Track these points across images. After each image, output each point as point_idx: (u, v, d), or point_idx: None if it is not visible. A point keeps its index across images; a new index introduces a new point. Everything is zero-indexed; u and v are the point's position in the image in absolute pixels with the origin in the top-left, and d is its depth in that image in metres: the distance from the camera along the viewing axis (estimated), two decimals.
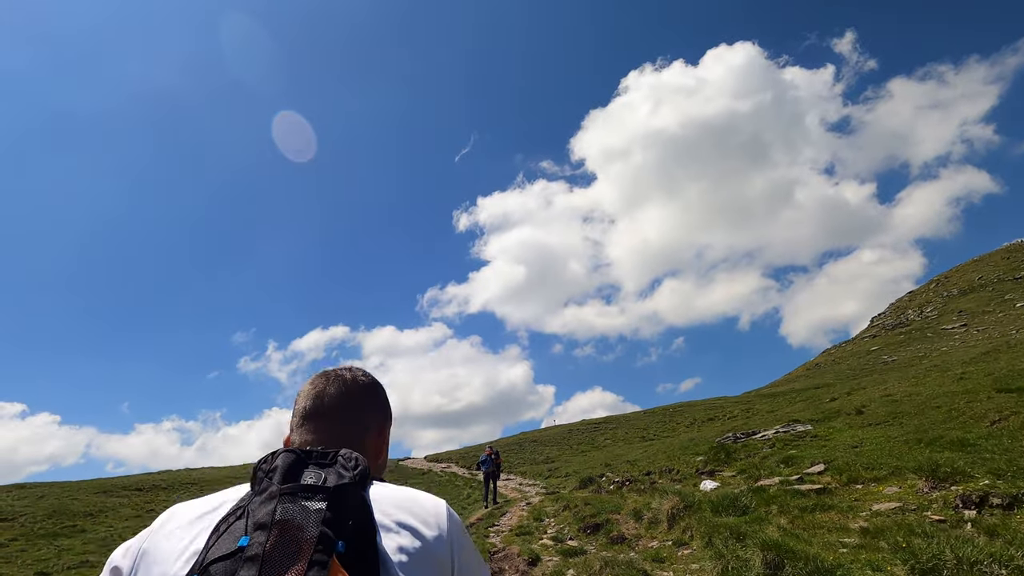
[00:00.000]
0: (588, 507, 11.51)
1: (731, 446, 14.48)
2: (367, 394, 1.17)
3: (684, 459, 16.62)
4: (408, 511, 0.95)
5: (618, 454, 28.49)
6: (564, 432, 45.86)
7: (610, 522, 10.10)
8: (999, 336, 45.52)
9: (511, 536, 10.65)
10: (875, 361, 53.33)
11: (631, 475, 16.97)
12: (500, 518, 13.42)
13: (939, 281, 73.15)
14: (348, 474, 0.91)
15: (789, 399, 38.87)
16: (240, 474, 39.72)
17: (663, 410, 49.33)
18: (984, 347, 37.22)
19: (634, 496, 13.46)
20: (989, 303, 59.56)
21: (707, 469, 13.93)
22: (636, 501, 11.19)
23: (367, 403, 1.17)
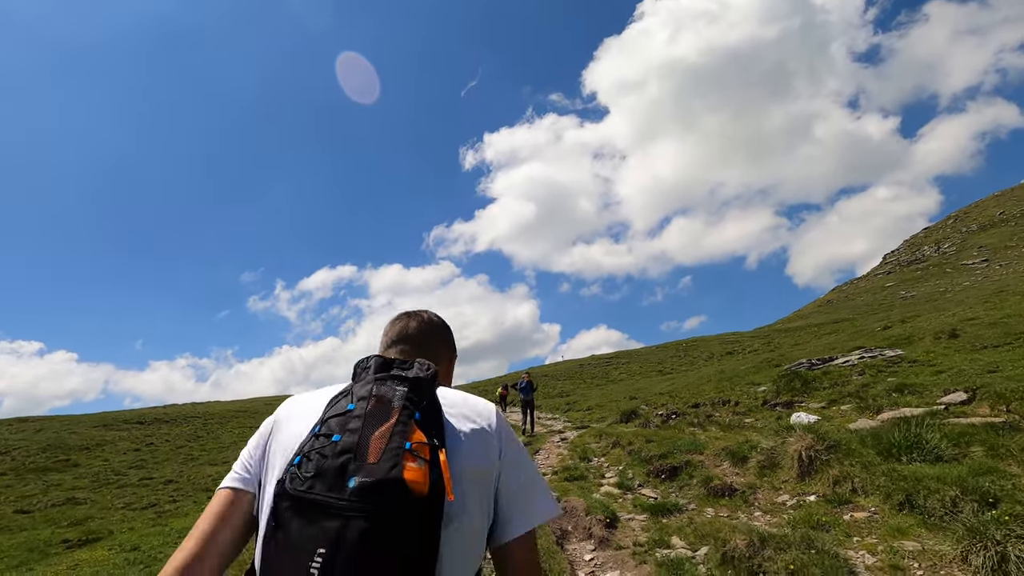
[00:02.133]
0: (651, 445, 8.94)
1: (807, 374, 11.85)
2: (441, 330, 1.49)
3: (740, 389, 14.10)
4: (466, 404, 1.25)
5: (640, 387, 26.23)
6: (575, 367, 43.83)
7: (692, 465, 7.52)
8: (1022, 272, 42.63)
9: (561, 481, 8.12)
10: (892, 297, 50.66)
11: (675, 408, 14.48)
12: (534, 456, 10.96)
13: (957, 217, 69.55)
14: (423, 372, 1.17)
15: (812, 333, 36.38)
16: (248, 407, 37.88)
17: (675, 345, 47.16)
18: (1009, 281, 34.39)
19: (692, 429, 10.93)
20: (1011, 238, 56.26)
21: (781, 400, 11.34)
22: (719, 437, 8.60)
23: (441, 337, 1.48)
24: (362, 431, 1.04)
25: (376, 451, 1.01)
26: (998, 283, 36.55)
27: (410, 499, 0.98)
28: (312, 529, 0.97)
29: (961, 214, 70.62)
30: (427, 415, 1.10)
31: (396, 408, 1.08)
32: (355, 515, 0.96)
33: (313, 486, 1.00)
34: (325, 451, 1.03)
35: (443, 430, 1.12)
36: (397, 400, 1.09)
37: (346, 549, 0.94)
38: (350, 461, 1.01)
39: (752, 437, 7.53)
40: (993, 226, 61.78)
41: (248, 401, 41.06)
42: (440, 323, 1.49)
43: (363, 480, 0.98)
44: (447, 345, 1.47)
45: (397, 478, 0.98)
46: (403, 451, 1.01)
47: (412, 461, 1.01)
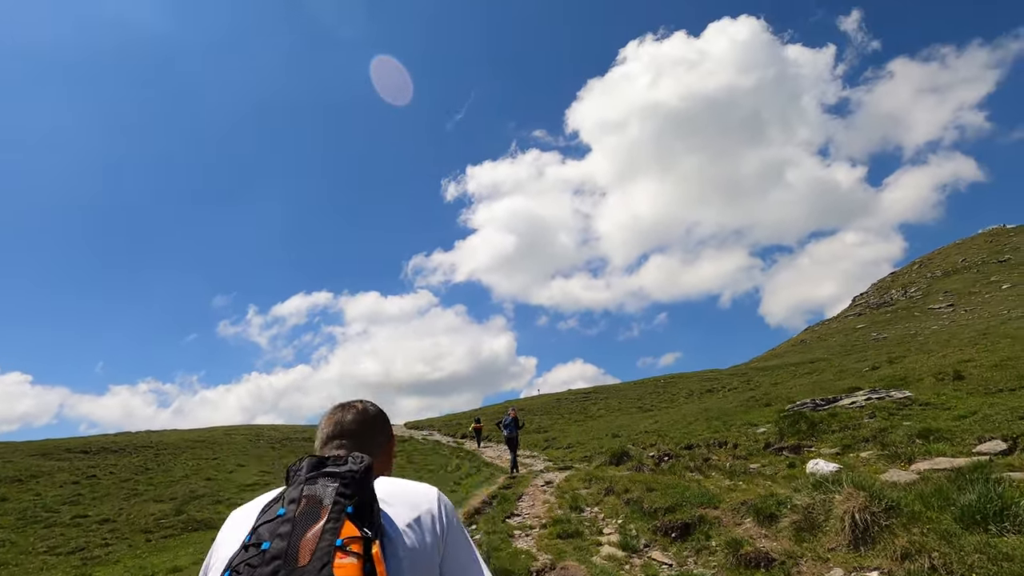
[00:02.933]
0: (652, 494, 7.76)
1: (813, 415, 10.87)
2: (377, 418, 1.44)
3: (736, 430, 13.04)
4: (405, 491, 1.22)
5: (622, 424, 25.01)
6: (552, 401, 42.41)
7: (706, 522, 6.36)
8: (989, 316, 43.24)
9: (553, 539, 6.85)
10: (864, 338, 50.87)
11: (667, 449, 13.33)
12: (516, 502, 9.65)
13: (922, 263, 71.15)
14: (356, 466, 1.12)
15: (790, 372, 35.86)
16: (206, 437, 35.36)
17: (653, 381, 46.19)
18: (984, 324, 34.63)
19: (692, 475, 9.79)
20: (975, 284, 57.48)
21: (786, 443, 10.30)
22: (732, 488, 7.48)
23: (378, 426, 1.43)
24: (291, 535, 1.00)
25: (307, 553, 0.96)
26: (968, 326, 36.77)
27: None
28: None
29: (925, 260, 72.32)
30: (360, 508, 1.06)
31: (327, 506, 1.04)
32: None
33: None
34: (253, 561, 0.98)
35: (378, 521, 1.09)
36: (328, 498, 1.05)
37: None
38: (280, 568, 0.95)
39: (777, 491, 6.42)
40: (956, 272, 63.22)
41: (207, 430, 38.48)
42: (376, 412, 1.46)
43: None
44: (384, 433, 1.45)
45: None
46: (334, 549, 0.97)
47: (344, 557, 0.96)
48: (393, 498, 1.17)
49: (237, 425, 42.51)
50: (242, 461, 28.05)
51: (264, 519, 1.05)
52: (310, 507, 1.03)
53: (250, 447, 32.07)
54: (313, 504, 1.04)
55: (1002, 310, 44.51)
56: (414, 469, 24.57)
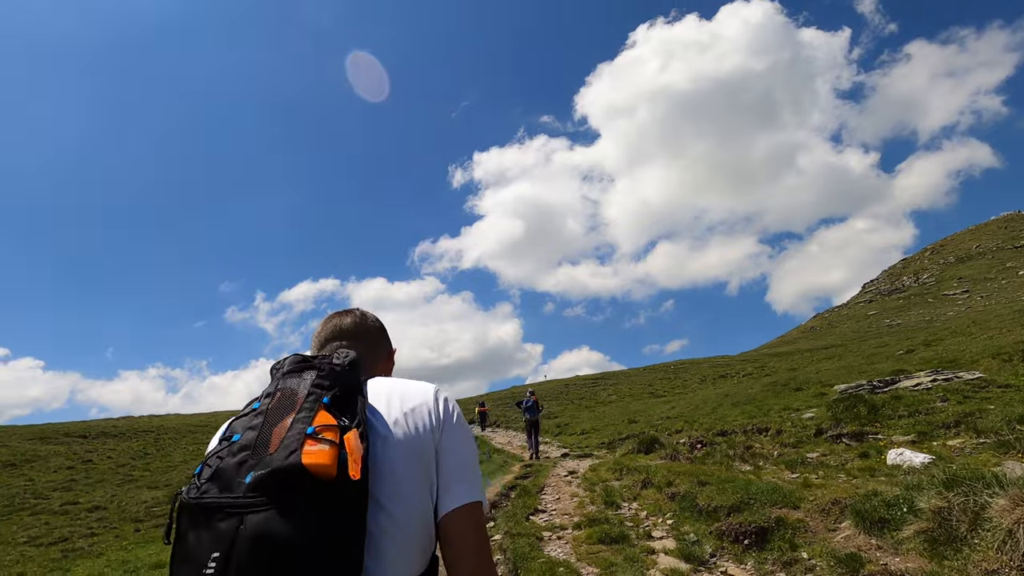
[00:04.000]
0: (706, 490, 6.40)
1: (871, 398, 9.48)
2: (377, 325, 1.33)
3: (777, 415, 11.67)
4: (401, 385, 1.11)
5: (637, 410, 23.69)
6: (560, 387, 41.16)
7: (787, 526, 5.01)
8: (1007, 301, 41.59)
9: (591, 543, 5.51)
10: (877, 325, 49.37)
11: (700, 436, 11.99)
12: (538, 495, 8.32)
13: (934, 249, 69.22)
14: (340, 360, 1.04)
15: (806, 358, 34.39)
16: (208, 422, 34.30)
17: (663, 367, 44.85)
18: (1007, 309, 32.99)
19: (739, 466, 8.43)
20: (990, 270, 55.73)
21: (845, 430, 8.92)
22: (810, 485, 6.10)
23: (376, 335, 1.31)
24: (263, 426, 0.93)
25: (276, 442, 0.89)
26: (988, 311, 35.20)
27: (312, 483, 0.85)
28: (206, 535, 0.84)
29: (938, 246, 70.41)
30: (338, 399, 0.97)
31: (301, 396, 0.96)
32: (251, 511, 0.83)
33: (208, 490, 0.88)
34: (223, 453, 0.92)
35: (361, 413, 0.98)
36: (303, 389, 0.98)
37: (241, 549, 0.81)
38: (248, 457, 0.89)
39: (879, 488, 5.04)
40: (971, 259, 61.38)
41: (210, 415, 37.44)
42: (375, 319, 1.35)
43: (259, 473, 0.85)
44: (384, 340, 1.33)
45: (294, 463, 0.85)
46: (303, 436, 0.88)
47: (314, 444, 0.87)
48: (386, 393, 1.09)
49: None
50: None
51: (240, 414, 1.01)
52: (284, 398, 0.97)
53: None
54: (287, 396, 0.97)
55: (1020, 296, 42.88)
56: None
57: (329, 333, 1.27)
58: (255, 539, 0.81)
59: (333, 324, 1.29)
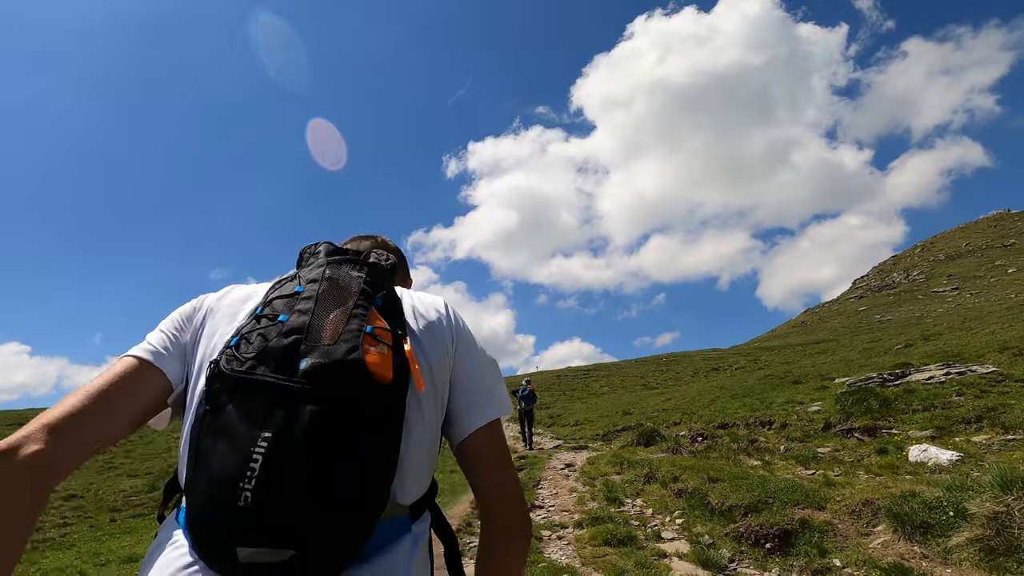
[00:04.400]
0: (719, 487, 5.91)
1: (883, 391, 9.03)
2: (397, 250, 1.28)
3: (780, 408, 11.22)
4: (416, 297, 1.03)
5: (630, 402, 23.29)
6: (552, 377, 40.75)
7: (813, 528, 4.51)
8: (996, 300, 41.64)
9: (595, 545, 4.99)
10: (867, 320, 49.38)
11: (700, 429, 11.53)
12: (535, 489, 7.81)
13: (924, 246, 69.36)
14: (384, 261, 0.97)
15: (799, 352, 34.18)
16: None
17: (655, 359, 44.56)
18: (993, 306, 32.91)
19: (747, 460, 7.96)
20: (979, 268, 55.91)
21: (856, 424, 8.47)
22: (833, 484, 5.61)
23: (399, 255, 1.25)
24: (315, 312, 0.83)
25: (332, 332, 0.81)
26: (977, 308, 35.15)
27: (373, 385, 0.78)
28: (254, 413, 0.75)
29: (928, 244, 70.63)
30: (388, 304, 0.91)
31: (354, 292, 0.88)
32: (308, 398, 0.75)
33: (256, 367, 0.78)
34: (269, 332, 0.81)
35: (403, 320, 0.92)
36: (355, 284, 0.90)
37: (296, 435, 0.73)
38: (300, 342, 0.80)
39: (920, 489, 4.54)
40: (960, 256, 61.58)
41: None
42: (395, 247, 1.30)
43: (317, 361, 0.77)
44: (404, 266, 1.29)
45: (358, 359, 0.78)
46: (363, 334, 0.81)
47: (374, 345, 0.81)
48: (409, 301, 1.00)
49: None
50: None
51: (278, 294, 0.89)
52: (335, 289, 0.88)
53: None
54: (338, 288, 0.88)
55: (1009, 294, 42.92)
56: None
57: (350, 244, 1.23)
58: (310, 430, 0.74)
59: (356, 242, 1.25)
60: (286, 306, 0.85)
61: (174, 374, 0.90)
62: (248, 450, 0.72)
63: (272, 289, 0.92)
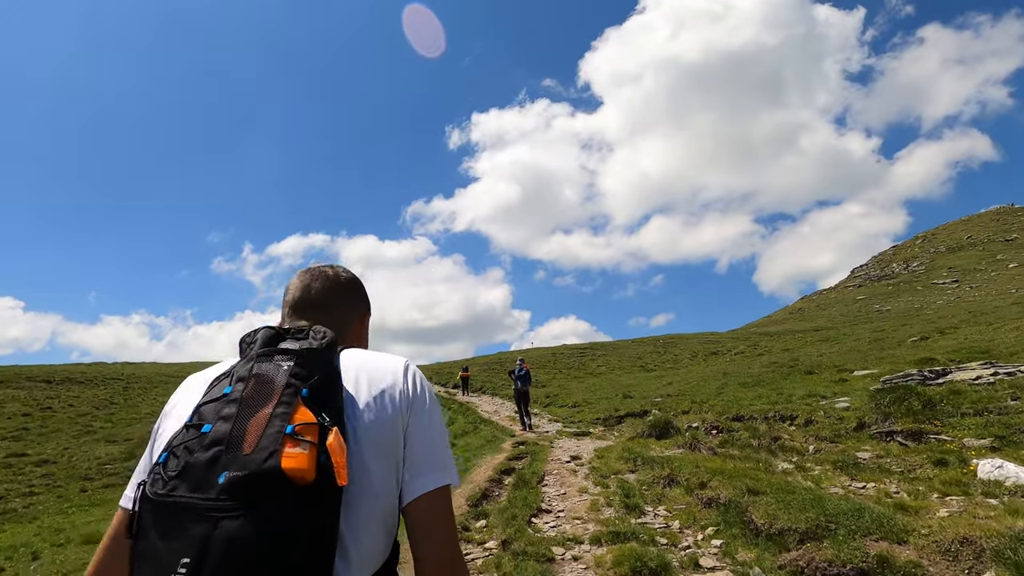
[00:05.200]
0: (762, 501, 5.00)
1: (924, 391, 8.12)
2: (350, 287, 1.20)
3: (802, 402, 10.33)
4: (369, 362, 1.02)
5: (630, 384, 22.50)
6: (548, 355, 40.01)
7: (893, 568, 3.61)
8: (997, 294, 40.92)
9: (617, 570, 4.08)
10: (866, 309, 48.65)
11: (713, 420, 10.66)
12: (539, 486, 6.91)
13: (925, 237, 68.48)
14: (316, 342, 0.96)
15: (799, 339, 33.41)
16: (185, 372, 32.72)
17: (652, 340, 43.85)
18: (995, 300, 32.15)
19: (777, 462, 7.07)
20: (980, 262, 55.14)
21: (897, 427, 7.57)
22: (905, 507, 4.70)
23: (350, 296, 1.19)
24: (237, 418, 0.84)
25: (252, 440, 0.81)
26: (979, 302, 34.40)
27: (291, 490, 0.78)
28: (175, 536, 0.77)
29: (929, 235, 69.75)
30: (317, 390, 0.89)
31: (279, 388, 0.87)
32: (225, 516, 0.76)
33: (176, 487, 0.80)
34: (192, 444, 0.83)
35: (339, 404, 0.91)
36: (280, 377, 0.89)
37: (214, 556, 0.75)
38: (221, 454, 0.81)
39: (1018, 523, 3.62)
40: (961, 249, 60.77)
41: (188, 365, 35.79)
42: (349, 278, 1.21)
43: (234, 475, 0.78)
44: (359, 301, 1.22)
45: (273, 467, 0.78)
46: (283, 436, 0.81)
47: (294, 446, 0.81)
48: (356, 371, 1.00)
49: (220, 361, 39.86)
50: None
51: (209, 397, 0.90)
52: (260, 387, 0.88)
53: None
54: (263, 384, 0.88)
55: (1010, 288, 42.19)
56: None
57: (298, 297, 1.17)
58: (229, 546, 0.75)
59: (304, 285, 1.17)
60: (213, 412, 0.86)
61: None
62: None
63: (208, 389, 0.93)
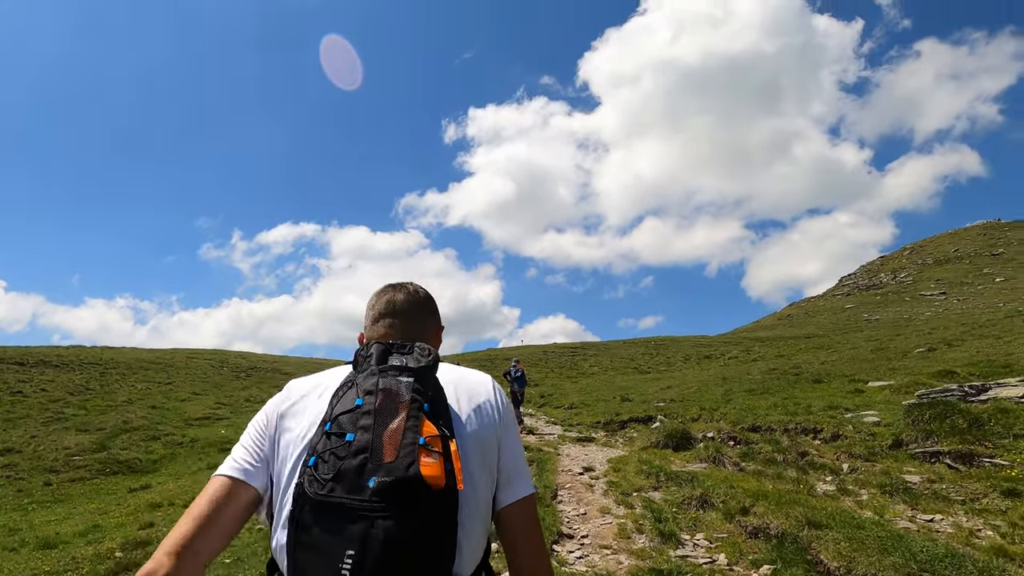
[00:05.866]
0: (826, 537, 4.26)
1: (967, 407, 7.46)
2: (428, 302, 1.37)
3: (823, 415, 9.65)
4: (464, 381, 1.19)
5: (626, 386, 21.81)
6: (539, 353, 39.25)
7: None
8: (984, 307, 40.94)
9: None
10: (855, 318, 48.51)
11: (729, 430, 9.95)
12: (554, 501, 6.12)
13: (913, 249, 68.67)
14: (425, 359, 1.09)
15: (792, 345, 33.02)
16: (164, 359, 31.34)
17: (644, 342, 43.27)
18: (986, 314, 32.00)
19: (816, 483, 6.35)
20: (967, 275, 55.32)
21: (943, 447, 6.89)
22: (1006, 554, 3.99)
23: (428, 309, 1.36)
24: (374, 428, 0.98)
25: (392, 449, 0.96)
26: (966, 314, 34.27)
27: (430, 494, 0.94)
28: (338, 531, 0.92)
29: (917, 247, 70.08)
30: (434, 405, 1.04)
31: (405, 402, 1.01)
32: (379, 515, 0.91)
33: (334, 489, 0.94)
34: (340, 452, 0.97)
35: (450, 416, 1.07)
36: (405, 392, 1.02)
37: (375, 549, 0.90)
38: (367, 461, 0.95)
39: None
40: (948, 261, 61.02)
41: (168, 351, 34.48)
42: (426, 295, 1.39)
43: (383, 480, 0.93)
44: (434, 316, 1.39)
45: (415, 474, 0.93)
46: (417, 446, 0.96)
47: (427, 456, 0.96)
48: (455, 386, 1.16)
49: (203, 349, 38.51)
50: (199, 389, 24.32)
51: (342, 408, 1.02)
52: (388, 401, 1.01)
53: (212, 374, 28.31)
54: (391, 398, 1.01)
55: (997, 302, 42.21)
56: None
57: (384, 309, 1.31)
58: (386, 543, 0.89)
59: (388, 299, 1.32)
60: (350, 423, 0.98)
61: (261, 486, 1.08)
62: (336, 566, 0.89)
63: (335, 399, 1.04)
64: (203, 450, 14.65)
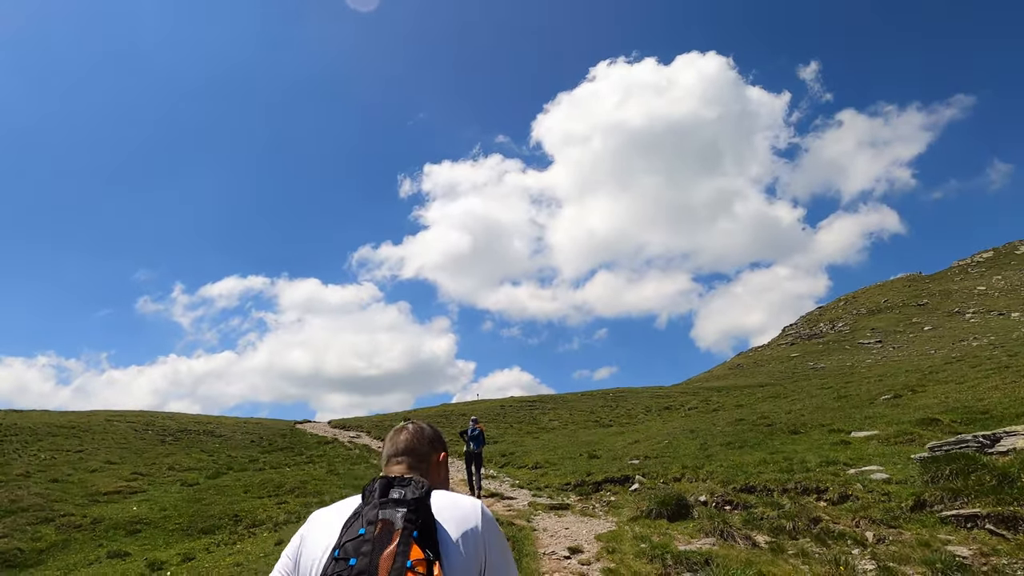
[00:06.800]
0: None
1: (993, 462, 6.64)
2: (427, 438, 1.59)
3: (821, 470, 8.66)
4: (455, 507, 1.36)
5: (590, 440, 20.48)
6: (496, 408, 37.40)
7: None
8: (918, 354, 42.55)
9: None
10: (802, 367, 49.41)
11: (724, 493, 8.79)
12: None
13: (847, 300, 71.89)
14: (419, 491, 1.31)
15: (748, 394, 32.71)
16: (78, 423, 27.65)
17: (602, 394, 42.20)
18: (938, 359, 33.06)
19: (856, 561, 5.25)
20: (898, 324, 57.97)
21: (980, 511, 5.97)
22: None
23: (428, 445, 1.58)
24: (372, 554, 1.19)
25: (384, 572, 1.16)
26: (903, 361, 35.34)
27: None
28: None
29: (850, 298, 73.46)
30: (423, 532, 1.24)
31: (398, 530, 1.22)
32: None
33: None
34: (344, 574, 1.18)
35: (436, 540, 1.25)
36: (399, 522, 1.23)
37: None
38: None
39: None
40: (880, 311, 64.01)
41: (84, 414, 30.64)
42: (430, 432, 1.61)
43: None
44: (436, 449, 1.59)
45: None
46: (405, 570, 1.16)
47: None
48: (445, 513, 1.33)
49: (127, 411, 34.58)
50: (115, 457, 21.23)
51: (348, 536, 1.24)
52: (384, 530, 1.22)
53: (133, 439, 25.04)
54: (387, 527, 1.23)
55: (928, 349, 44.02)
56: (338, 481, 18.89)
57: (391, 450, 1.56)
58: None
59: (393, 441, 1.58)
60: (354, 549, 1.21)
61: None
62: None
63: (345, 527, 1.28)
64: (106, 534, 12.18)
